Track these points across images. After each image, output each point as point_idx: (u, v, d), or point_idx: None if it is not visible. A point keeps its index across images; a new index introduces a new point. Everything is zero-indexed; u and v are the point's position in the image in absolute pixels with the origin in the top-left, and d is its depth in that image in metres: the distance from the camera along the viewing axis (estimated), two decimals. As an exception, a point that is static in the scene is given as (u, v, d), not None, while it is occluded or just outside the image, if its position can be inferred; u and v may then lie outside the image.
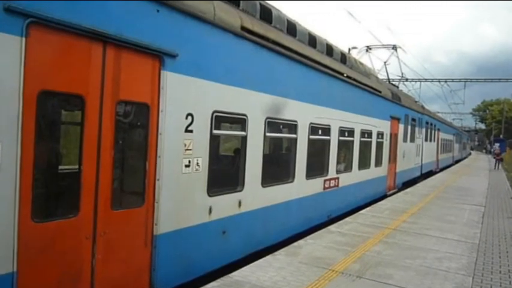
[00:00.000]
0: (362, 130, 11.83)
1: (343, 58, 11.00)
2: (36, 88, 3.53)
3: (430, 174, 24.42)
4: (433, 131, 25.76)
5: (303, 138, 8.26)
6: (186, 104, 5.15)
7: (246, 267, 5.96)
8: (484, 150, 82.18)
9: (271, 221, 7.35)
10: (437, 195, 14.98)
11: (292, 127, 7.98)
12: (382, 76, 20.01)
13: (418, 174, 21.04)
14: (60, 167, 4.60)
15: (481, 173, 28.01)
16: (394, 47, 23.01)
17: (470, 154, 69.45)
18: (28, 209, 3.52)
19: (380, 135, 13.66)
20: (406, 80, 35.85)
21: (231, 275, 5.60)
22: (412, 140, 18.95)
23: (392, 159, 15.54)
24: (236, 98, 6.14)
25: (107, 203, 4.24)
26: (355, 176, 11.56)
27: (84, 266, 4.06)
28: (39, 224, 3.64)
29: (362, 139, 11.88)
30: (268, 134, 7.06)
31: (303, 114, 8.20)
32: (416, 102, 23.01)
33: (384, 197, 14.30)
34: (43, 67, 3.62)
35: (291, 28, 8.21)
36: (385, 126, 14.25)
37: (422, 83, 43.49)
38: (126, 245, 4.49)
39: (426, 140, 23.05)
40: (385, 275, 5.99)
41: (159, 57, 4.71)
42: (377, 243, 7.73)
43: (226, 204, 6.08)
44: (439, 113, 45.58)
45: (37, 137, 3.58)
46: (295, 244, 7.34)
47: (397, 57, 23.80)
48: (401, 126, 16.48)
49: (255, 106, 6.59)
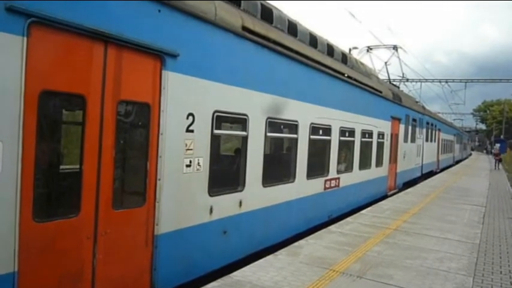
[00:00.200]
0: (363, 130, 11.83)
1: (344, 58, 10.99)
2: (37, 88, 3.53)
3: (430, 174, 24.41)
4: (433, 132, 25.75)
5: (303, 138, 8.26)
6: (187, 103, 5.15)
7: (247, 267, 5.96)
8: (484, 151, 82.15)
9: (272, 221, 7.35)
10: (438, 196, 14.97)
11: (293, 127, 7.98)
12: (382, 76, 20.05)
13: (418, 174, 21.04)
14: (61, 167, 4.60)
15: (482, 173, 28.00)
16: (395, 47, 23.04)
17: (470, 154, 69.39)
18: (29, 208, 3.52)
19: (381, 135, 13.66)
20: (407, 80, 35.87)
21: (231, 275, 5.60)
22: (413, 140, 18.94)
23: (393, 159, 15.53)
24: (237, 98, 6.14)
25: (108, 203, 4.24)
26: (355, 176, 11.56)
27: (85, 265, 4.06)
28: (40, 223, 3.64)
29: (363, 139, 11.87)
30: (269, 134, 7.07)
31: (304, 114, 8.20)
32: (417, 102, 22.99)
33: (385, 197, 14.30)
34: (44, 67, 3.62)
35: (292, 28, 8.20)
36: (385, 126, 14.24)
37: (423, 83, 43.55)
38: (127, 244, 4.49)
39: (427, 140, 23.04)
40: (386, 275, 5.99)
41: (160, 57, 4.71)
42: (378, 244, 7.73)
43: (227, 204, 6.08)
44: (439, 113, 45.63)
45: (38, 137, 3.58)
46: (296, 244, 7.33)
47: (398, 57, 23.86)
48: (402, 127, 16.47)
49: (255, 106, 6.59)
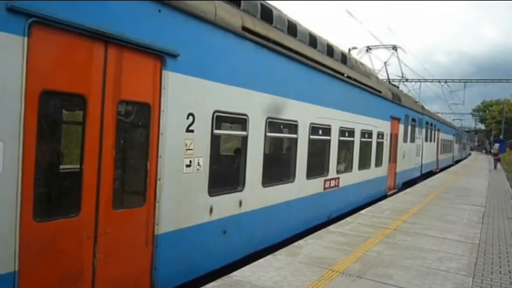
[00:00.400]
0: (362, 130, 11.84)
1: (344, 58, 11.00)
2: (38, 88, 3.53)
3: (430, 174, 24.44)
4: (433, 131, 25.78)
5: (303, 138, 8.27)
6: (187, 103, 5.16)
7: (247, 267, 5.97)
8: (484, 151, 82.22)
9: (272, 221, 7.35)
10: (438, 196, 14.98)
11: (292, 127, 7.99)
12: (382, 76, 20.04)
13: (418, 174, 21.06)
14: (61, 167, 4.60)
15: (481, 173, 28.02)
16: (394, 47, 23.04)
17: (470, 154, 69.44)
18: (30, 208, 3.53)
19: (380, 135, 13.67)
20: (406, 80, 35.90)
21: (231, 275, 5.60)
22: (412, 140, 18.96)
23: (393, 159, 15.55)
24: (237, 97, 6.14)
25: (108, 203, 4.25)
26: (355, 176, 11.57)
27: (86, 265, 4.06)
28: (40, 223, 3.64)
29: (362, 139, 11.89)
30: (268, 134, 7.07)
31: (304, 114, 8.21)
32: (416, 102, 23.02)
33: (384, 197, 14.31)
34: (45, 67, 3.63)
35: (292, 28, 8.21)
36: (385, 126, 14.26)
37: (422, 83, 43.56)
38: (127, 244, 4.49)
39: (426, 140, 23.07)
40: (386, 275, 6.00)
41: (161, 57, 4.71)
42: (377, 244, 7.74)
43: (227, 204, 6.08)
44: (439, 113, 45.67)
45: (39, 137, 3.59)
46: (296, 244, 7.34)
47: (397, 57, 23.86)
48: (401, 127, 16.49)
49: (255, 106, 6.60)
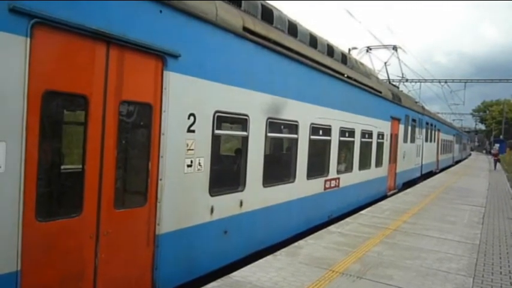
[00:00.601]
0: (362, 130, 11.85)
1: (344, 59, 11.01)
2: (40, 88, 3.55)
3: (430, 174, 24.44)
4: (433, 132, 25.80)
5: (304, 138, 8.28)
6: (189, 104, 5.17)
7: (247, 267, 5.98)
8: (484, 151, 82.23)
9: (272, 221, 7.37)
10: (438, 196, 14.99)
11: (293, 127, 8.00)
12: (382, 76, 20.05)
13: (418, 174, 21.07)
14: (63, 167, 4.61)
15: (481, 174, 28.03)
16: (395, 48, 23.04)
17: (470, 155, 69.45)
18: (32, 208, 3.54)
19: (380, 135, 13.68)
20: (406, 80, 35.92)
21: (231, 275, 5.61)
22: (413, 140, 18.97)
23: (393, 159, 15.56)
24: (238, 98, 6.16)
25: (110, 203, 4.26)
26: (355, 176, 11.58)
27: (87, 265, 4.08)
28: (43, 223, 3.66)
29: (363, 139, 11.90)
30: (269, 134, 7.08)
31: (304, 114, 8.22)
32: (416, 102, 23.02)
33: (384, 197, 14.32)
34: (47, 67, 3.65)
35: (292, 28, 8.22)
36: (385, 126, 14.27)
37: (422, 84, 43.60)
38: (129, 244, 4.51)
39: (426, 140, 23.08)
40: (386, 276, 6.02)
41: (162, 57, 4.73)
42: (377, 244, 7.75)
43: (227, 204, 6.10)
44: (439, 113, 45.62)
45: (41, 137, 3.60)
46: (296, 244, 7.35)
47: (398, 57, 23.85)
48: (401, 127, 16.50)
49: (256, 106, 6.62)
